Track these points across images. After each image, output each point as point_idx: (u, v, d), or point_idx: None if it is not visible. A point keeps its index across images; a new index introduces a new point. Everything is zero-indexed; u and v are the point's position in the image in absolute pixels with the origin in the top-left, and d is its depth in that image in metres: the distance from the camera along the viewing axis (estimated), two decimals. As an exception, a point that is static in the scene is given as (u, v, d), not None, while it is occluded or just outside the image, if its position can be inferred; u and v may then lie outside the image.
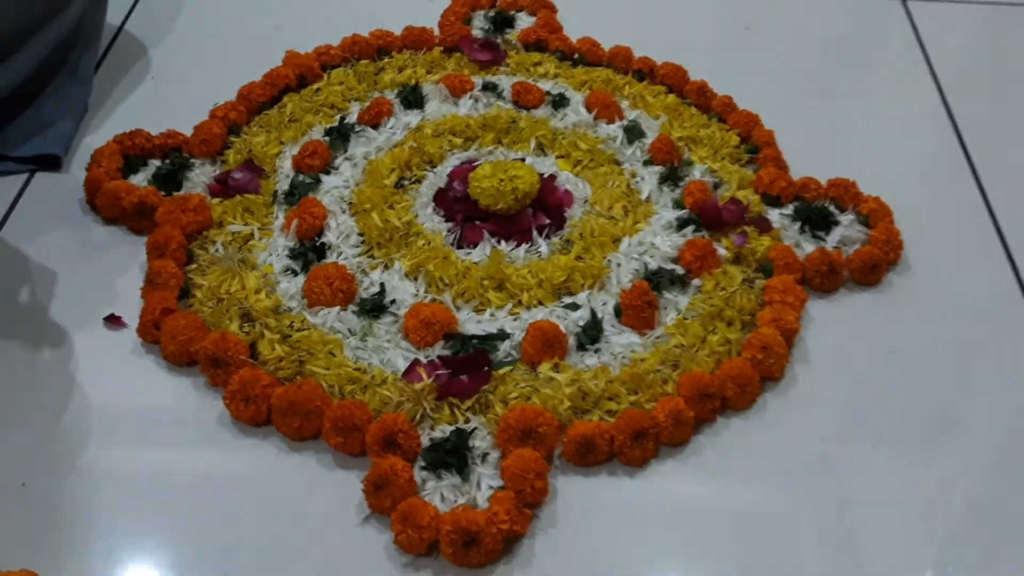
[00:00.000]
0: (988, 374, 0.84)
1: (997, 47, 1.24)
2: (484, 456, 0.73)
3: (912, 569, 0.70)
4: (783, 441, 0.77)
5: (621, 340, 0.82)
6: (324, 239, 0.89)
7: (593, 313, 0.83)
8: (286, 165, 0.97)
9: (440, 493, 0.71)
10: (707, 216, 0.91)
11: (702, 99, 1.07)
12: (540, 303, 0.85)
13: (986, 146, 1.06)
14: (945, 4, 1.29)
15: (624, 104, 1.06)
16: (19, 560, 0.65)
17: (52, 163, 0.97)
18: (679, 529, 0.72)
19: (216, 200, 0.92)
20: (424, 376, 0.77)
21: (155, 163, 0.96)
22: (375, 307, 0.83)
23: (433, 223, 0.91)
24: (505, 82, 1.07)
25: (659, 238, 0.90)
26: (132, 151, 0.96)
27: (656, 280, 0.86)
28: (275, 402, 0.75)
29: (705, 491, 0.74)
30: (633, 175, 0.97)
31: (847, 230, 0.92)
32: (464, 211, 0.91)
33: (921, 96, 1.14)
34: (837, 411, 0.80)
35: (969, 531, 0.73)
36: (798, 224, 0.93)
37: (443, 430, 0.75)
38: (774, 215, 0.93)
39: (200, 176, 0.95)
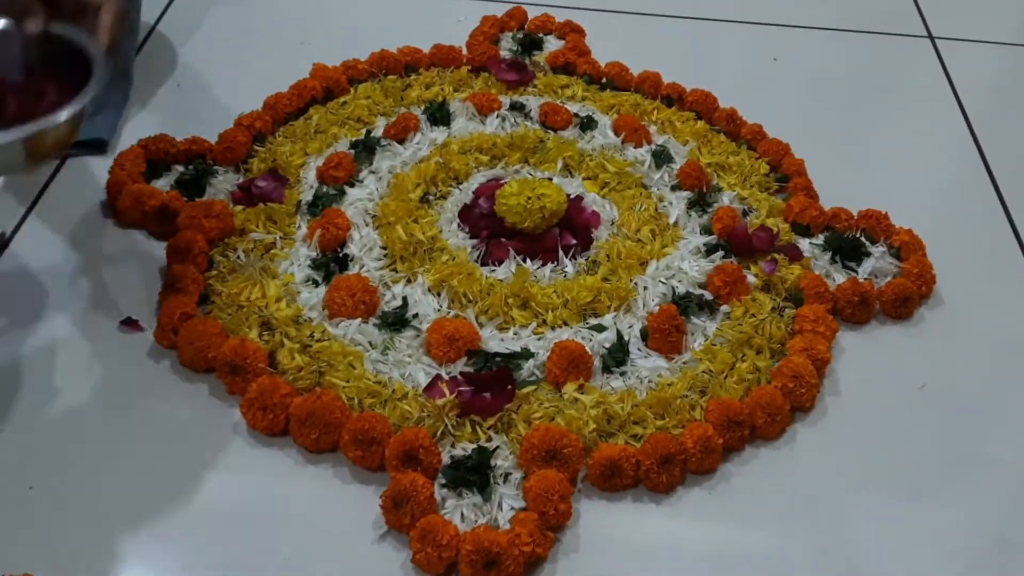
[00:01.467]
0: (1020, 411, 0.82)
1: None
2: (506, 476, 0.71)
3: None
4: (812, 474, 0.75)
5: (648, 364, 0.80)
6: (347, 251, 0.87)
7: (619, 335, 0.81)
8: (310, 176, 0.96)
9: (460, 512, 0.69)
10: (736, 242, 0.90)
11: (731, 126, 1.06)
12: (565, 323, 0.83)
13: (1015, 181, 1.05)
14: (973, 44, 1.28)
15: (652, 129, 1.05)
16: (25, 564, 0.63)
17: (98, 148, 0.96)
18: (702, 561, 0.69)
19: (239, 208, 0.91)
20: (446, 392, 0.75)
21: (179, 168, 0.95)
22: (397, 320, 0.82)
23: (458, 239, 0.89)
24: (533, 103, 1.07)
25: (687, 263, 0.89)
26: (156, 155, 0.95)
27: (684, 304, 0.84)
28: (293, 412, 0.73)
29: (731, 523, 0.72)
30: (661, 199, 0.96)
31: (879, 262, 0.90)
32: (489, 228, 0.90)
33: (950, 131, 1.13)
34: (867, 445, 0.78)
35: (1002, 572, 0.70)
36: (828, 254, 0.91)
37: (464, 448, 0.73)
38: (804, 244, 0.92)
39: (223, 183, 0.94)
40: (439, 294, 0.84)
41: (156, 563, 0.67)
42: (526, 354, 0.79)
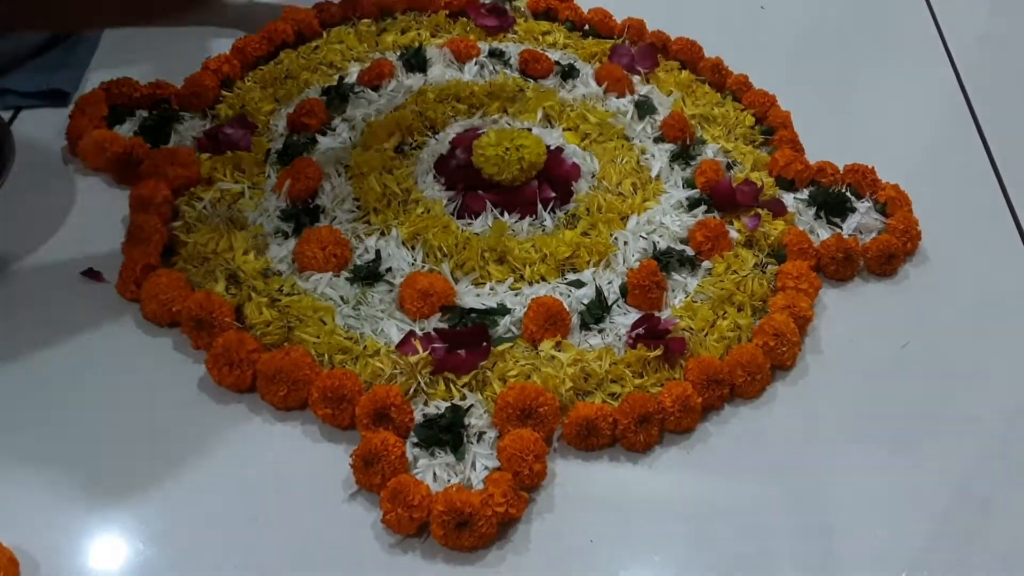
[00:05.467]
0: (1003, 369, 0.81)
1: (1016, 35, 1.21)
2: (480, 435, 0.70)
3: (917, 565, 0.67)
4: (792, 433, 0.74)
5: (626, 321, 0.78)
6: (318, 202, 0.84)
7: (599, 291, 0.79)
8: (280, 123, 0.92)
9: (432, 471, 0.67)
10: (720, 197, 0.87)
11: (717, 77, 1.03)
12: (543, 279, 0.81)
13: (1004, 137, 1.03)
14: (964, -7, 1.26)
15: (635, 79, 1.02)
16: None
17: (60, 98, 0.93)
18: (680, 520, 0.68)
19: (205, 155, 0.87)
20: (419, 349, 0.73)
21: (142, 114, 0.91)
22: (369, 275, 0.79)
23: (433, 191, 0.87)
24: (512, 50, 1.03)
25: (669, 217, 0.86)
26: (118, 100, 0.91)
27: (665, 260, 0.82)
28: (261, 368, 0.70)
29: (709, 481, 0.71)
30: (643, 152, 0.93)
31: (864, 217, 0.88)
32: (466, 180, 0.87)
33: (939, 85, 1.10)
34: (848, 404, 0.77)
35: (982, 528, 0.70)
36: (813, 209, 0.89)
37: (437, 406, 0.71)
38: (788, 199, 0.90)
39: (189, 130, 0.90)
40: (413, 247, 0.81)
41: (117, 525, 0.64)
42: (502, 310, 0.77)
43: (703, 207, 0.87)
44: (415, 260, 0.81)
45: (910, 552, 0.68)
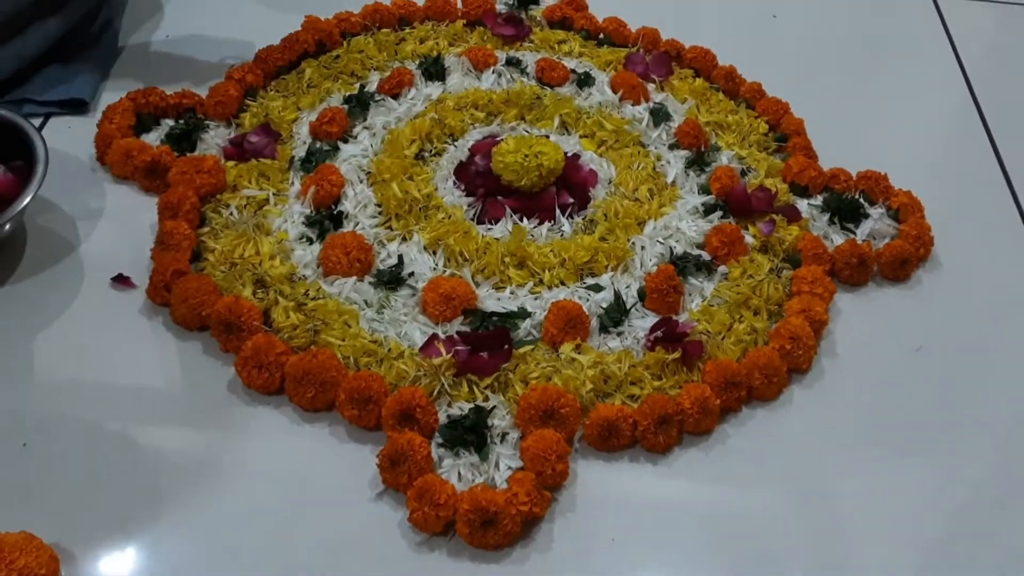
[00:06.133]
0: (1016, 372, 0.82)
1: (1025, 47, 1.23)
2: (503, 436, 0.71)
3: (931, 566, 0.68)
4: (808, 434, 0.75)
5: (645, 324, 0.79)
6: (341, 208, 0.86)
7: (617, 295, 0.81)
8: (303, 131, 0.94)
9: (457, 471, 0.69)
10: (735, 202, 0.89)
11: (730, 84, 1.04)
12: (562, 283, 0.82)
13: (1014, 143, 1.04)
14: (974, 2, 1.27)
15: (650, 87, 1.03)
16: (19, 522, 0.63)
17: (79, 107, 0.94)
18: (699, 520, 0.70)
19: (231, 163, 0.89)
20: (443, 351, 0.74)
21: (168, 123, 0.93)
22: (392, 279, 0.81)
23: (453, 197, 0.88)
24: (529, 58, 1.05)
25: (685, 223, 0.88)
26: (145, 109, 0.93)
27: (682, 265, 0.83)
28: (289, 370, 0.72)
29: (727, 483, 0.72)
30: (658, 158, 0.95)
31: (877, 223, 0.90)
32: (486, 186, 0.88)
33: (950, 92, 1.12)
34: (864, 406, 0.78)
35: (996, 532, 0.71)
36: (827, 215, 0.90)
37: (461, 407, 0.73)
38: (802, 205, 0.91)
39: (214, 138, 0.92)
40: (435, 252, 0.83)
41: (150, 522, 0.66)
42: (523, 313, 0.79)
43: (718, 213, 0.89)
44: (437, 265, 0.82)
45: (924, 553, 0.69)
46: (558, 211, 0.87)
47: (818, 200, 0.92)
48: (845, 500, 0.72)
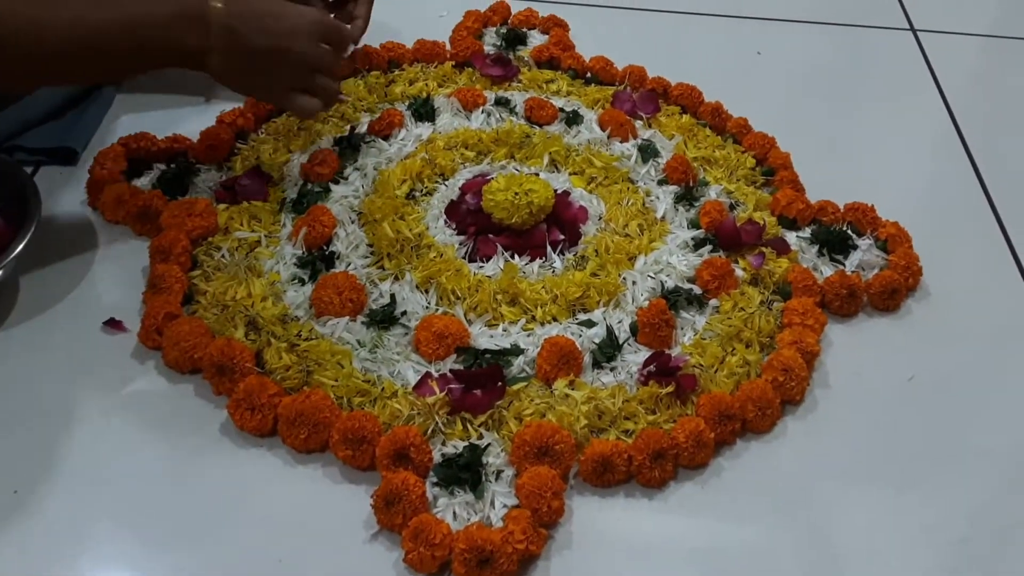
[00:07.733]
0: (1010, 400, 0.82)
1: (1005, 77, 1.24)
2: (498, 473, 0.71)
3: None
4: (803, 466, 0.75)
5: (638, 359, 0.80)
6: (333, 248, 0.86)
7: (609, 330, 0.81)
8: (294, 173, 0.94)
9: (453, 510, 0.68)
10: (725, 236, 0.89)
11: (717, 120, 1.06)
12: (554, 319, 0.83)
13: (998, 173, 1.05)
14: (955, 36, 1.29)
15: (638, 124, 1.05)
16: (9, 568, 0.62)
17: (68, 157, 0.94)
18: (697, 554, 0.69)
19: (222, 206, 0.90)
20: (436, 390, 0.74)
21: (160, 167, 0.94)
22: (385, 318, 0.81)
23: (445, 235, 0.89)
24: (518, 98, 1.06)
25: (675, 257, 0.88)
26: (137, 154, 0.94)
27: (673, 299, 0.84)
28: (282, 412, 0.72)
29: (723, 516, 0.72)
30: (648, 194, 0.96)
31: (866, 254, 0.90)
32: (477, 224, 0.89)
33: (934, 123, 1.13)
34: (858, 436, 0.78)
35: (996, 560, 0.71)
36: (816, 247, 0.91)
37: (455, 446, 0.72)
38: (791, 237, 0.92)
39: (206, 182, 0.92)
40: (427, 291, 0.83)
41: (143, 567, 0.66)
42: (516, 350, 0.79)
43: (708, 247, 0.89)
44: (429, 303, 0.83)
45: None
46: (549, 248, 0.88)
47: (806, 232, 0.93)
48: (842, 531, 0.72)
